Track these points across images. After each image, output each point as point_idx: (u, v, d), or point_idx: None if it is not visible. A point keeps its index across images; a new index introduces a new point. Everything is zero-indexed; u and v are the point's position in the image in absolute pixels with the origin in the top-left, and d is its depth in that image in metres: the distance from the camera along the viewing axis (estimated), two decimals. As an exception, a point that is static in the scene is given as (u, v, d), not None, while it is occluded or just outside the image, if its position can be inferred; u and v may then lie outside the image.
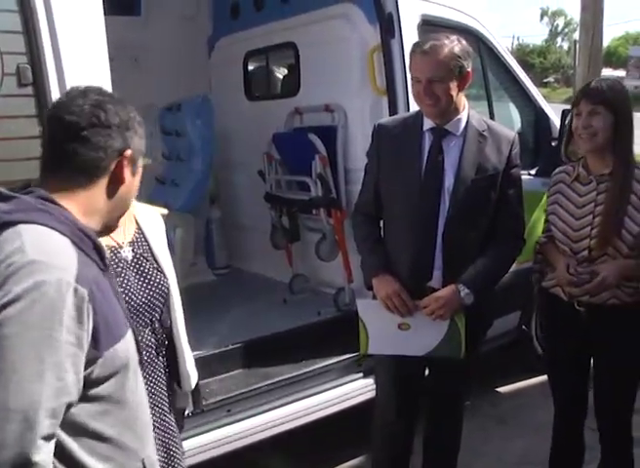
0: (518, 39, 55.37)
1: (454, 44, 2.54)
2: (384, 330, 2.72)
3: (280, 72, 5.59)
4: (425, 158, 2.65)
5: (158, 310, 2.12)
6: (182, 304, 2.26)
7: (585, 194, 2.65)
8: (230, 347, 3.64)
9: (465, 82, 2.61)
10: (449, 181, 2.63)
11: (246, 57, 5.13)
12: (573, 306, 2.69)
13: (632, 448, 2.81)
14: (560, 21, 54.20)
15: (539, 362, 4.40)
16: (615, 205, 2.56)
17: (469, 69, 2.60)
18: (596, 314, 2.65)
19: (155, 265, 2.13)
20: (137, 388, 1.55)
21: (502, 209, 2.69)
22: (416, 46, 2.60)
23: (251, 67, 5.26)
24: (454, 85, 2.56)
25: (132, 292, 2.04)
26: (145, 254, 2.12)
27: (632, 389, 2.76)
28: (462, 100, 2.67)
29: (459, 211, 2.62)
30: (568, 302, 2.70)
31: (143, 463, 1.55)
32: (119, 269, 2.05)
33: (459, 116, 2.65)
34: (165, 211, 2.41)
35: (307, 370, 3.57)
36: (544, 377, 3.04)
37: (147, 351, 2.10)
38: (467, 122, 2.66)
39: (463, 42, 2.59)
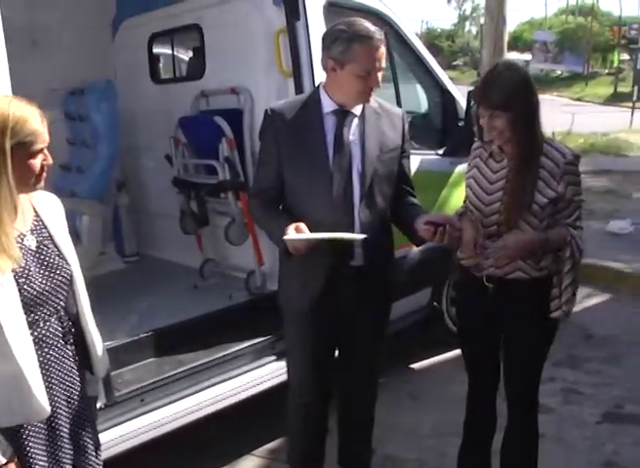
0: (427, 23, 56.25)
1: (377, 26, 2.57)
2: None
3: (186, 55, 5.49)
4: (332, 140, 2.64)
5: (62, 297, 2.09)
6: (92, 294, 2.23)
7: (498, 171, 2.71)
8: (142, 336, 3.57)
9: None
10: (357, 160, 2.65)
11: (151, 39, 5.00)
12: (482, 281, 2.75)
13: (537, 416, 2.91)
14: (468, 6, 55.24)
15: (450, 337, 4.53)
16: (517, 183, 2.61)
17: None
18: (503, 289, 2.72)
19: (57, 252, 2.10)
20: None
21: (402, 180, 2.82)
22: (362, 33, 2.51)
23: (156, 50, 5.13)
24: None
25: (33, 281, 2.00)
26: (46, 242, 2.09)
27: (539, 361, 2.84)
28: None
29: (370, 187, 2.65)
30: (478, 277, 2.76)
31: None
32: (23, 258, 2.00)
33: None
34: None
35: (221, 354, 3.54)
36: (455, 352, 3.11)
37: (54, 340, 2.07)
38: None
39: None
